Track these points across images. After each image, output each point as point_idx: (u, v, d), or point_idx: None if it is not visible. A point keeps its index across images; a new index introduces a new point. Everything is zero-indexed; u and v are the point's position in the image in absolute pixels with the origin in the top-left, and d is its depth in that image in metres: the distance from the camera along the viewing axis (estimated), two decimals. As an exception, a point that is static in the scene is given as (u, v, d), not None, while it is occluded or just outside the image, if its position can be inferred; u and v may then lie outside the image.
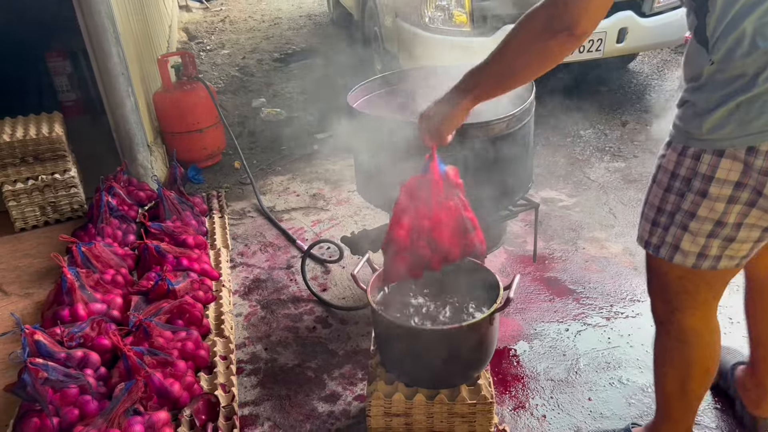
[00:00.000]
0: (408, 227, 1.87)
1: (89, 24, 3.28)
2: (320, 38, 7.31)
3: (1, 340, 2.55)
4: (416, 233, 1.87)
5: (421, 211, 1.86)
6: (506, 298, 1.84)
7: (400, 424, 1.95)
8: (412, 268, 1.91)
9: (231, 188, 3.92)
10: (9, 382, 2.04)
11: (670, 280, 1.60)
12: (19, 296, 2.89)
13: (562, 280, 2.81)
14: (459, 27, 4.11)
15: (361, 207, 3.54)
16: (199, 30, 8.01)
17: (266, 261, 3.12)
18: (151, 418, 1.91)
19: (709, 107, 1.35)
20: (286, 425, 2.15)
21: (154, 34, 5.08)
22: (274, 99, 5.38)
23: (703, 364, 1.68)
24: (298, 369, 2.41)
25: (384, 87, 2.69)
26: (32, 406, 1.95)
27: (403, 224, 1.87)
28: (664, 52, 5.62)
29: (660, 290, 1.66)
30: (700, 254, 1.47)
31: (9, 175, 3.34)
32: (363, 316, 2.67)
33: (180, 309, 2.42)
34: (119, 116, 3.51)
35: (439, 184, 1.85)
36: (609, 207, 3.39)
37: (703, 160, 1.39)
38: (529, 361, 2.37)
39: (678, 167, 1.46)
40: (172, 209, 3.15)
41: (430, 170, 1.85)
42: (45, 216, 3.46)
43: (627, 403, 2.15)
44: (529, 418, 2.12)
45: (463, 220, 1.90)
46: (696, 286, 1.57)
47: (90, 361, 2.13)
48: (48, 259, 3.09)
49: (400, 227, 1.87)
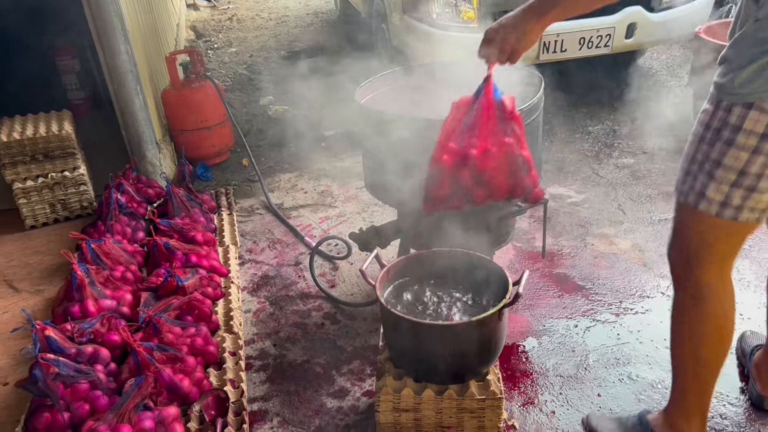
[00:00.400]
0: (452, 151, 1.73)
1: (98, 22, 3.30)
2: (327, 36, 7.31)
3: (12, 336, 2.57)
4: (461, 160, 1.73)
5: (469, 137, 1.73)
6: (515, 293, 1.83)
7: (409, 420, 1.95)
8: (451, 197, 1.78)
9: (239, 185, 3.93)
10: (20, 378, 2.06)
11: (691, 235, 1.66)
12: (30, 293, 2.91)
13: (570, 277, 2.80)
14: (466, 23, 4.09)
15: (369, 204, 3.54)
16: (207, 28, 8.02)
17: (274, 258, 3.13)
18: (161, 413, 1.92)
19: (742, 63, 1.44)
20: (295, 421, 2.16)
21: (162, 32, 5.10)
22: (282, 96, 5.38)
23: (716, 322, 1.70)
24: (307, 365, 2.41)
25: (392, 83, 2.68)
26: (43, 401, 1.96)
27: (446, 147, 1.73)
28: (674, 47, 5.58)
29: (680, 248, 1.71)
30: (723, 203, 1.54)
31: (19, 173, 3.36)
32: (371, 312, 2.67)
33: (189, 305, 2.43)
34: (128, 114, 3.53)
35: (491, 112, 1.71)
36: (618, 203, 3.38)
37: (733, 112, 1.47)
38: (538, 357, 2.36)
39: (712, 120, 1.54)
40: (181, 206, 3.16)
41: (484, 94, 1.71)
42: (55, 213, 3.49)
43: (636, 399, 2.14)
44: (538, 414, 2.12)
45: (515, 157, 1.74)
46: (715, 238, 1.62)
47: (100, 356, 2.14)
48: (58, 256, 3.11)
49: (443, 150, 1.74)
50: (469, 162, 1.77)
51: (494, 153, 1.77)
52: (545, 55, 4.05)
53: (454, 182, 1.79)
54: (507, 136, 1.76)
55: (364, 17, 6.04)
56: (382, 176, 2.40)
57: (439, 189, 1.82)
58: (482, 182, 1.79)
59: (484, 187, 1.80)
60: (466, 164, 1.78)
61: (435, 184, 1.82)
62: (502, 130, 1.75)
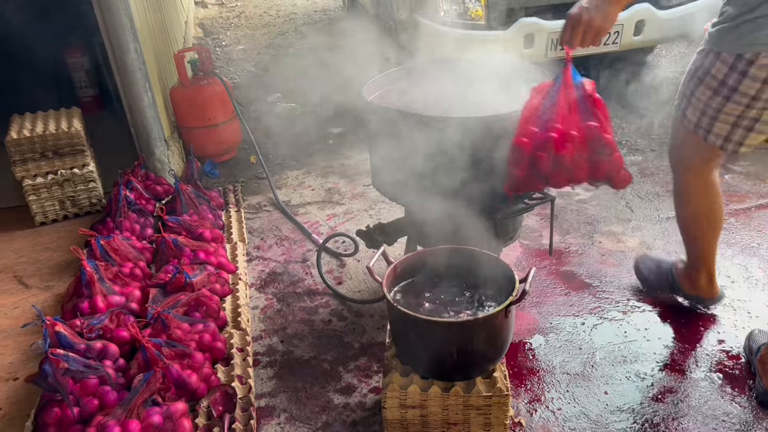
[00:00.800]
0: (531, 135, 1.79)
1: (107, 20, 3.31)
2: (335, 33, 7.30)
3: (22, 332, 2.59)
4: (540, 143, 1.78)
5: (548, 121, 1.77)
6: (522, 290, 1.83)
7: (416, 416, 1.96)
8: (530, 179, 1.84)
9: (247, 182, 3.94)
10: (30, 373, 2.08)
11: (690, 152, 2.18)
12: (40, 289, 2.93)
13: (578, 274, 2.80)
14: (474, 20, 4.09)
15: (376, 201, 3.54)
16: (215, 26, 8.04)
17: (282, 254, 3.14)
18: (169, 408, 1.94)
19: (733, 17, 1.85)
20: (302, 417, 2.17)
21: (170, 30, 5.11)
22: (290, 94, 5.39)
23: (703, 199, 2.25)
24: (314, 361, 2.42)
25: (399, 80, 2.68)
26: (53, 396, 1.98)
27: (525, 130, 1.79)
28: (682, 44, 5.54)
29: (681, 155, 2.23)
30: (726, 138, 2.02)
31: (29, 170, 3.38)
32: (378, 309, 2.68)
33: (197, 301, 2.44)
34: (136, 111, 3.55)
35: (571, 96, 1.78)
36: (626, 201, 3.37)
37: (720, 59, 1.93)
38: (545, 355, 2.36)
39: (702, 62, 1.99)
40: (189, 203, 3.18)
41: (563, 78, 1.77)
42: (64, 210, 3.51)
43: (644, 397, 2.14)
44: (544, 411, 2.12)
45: (596, 140, 1.80)
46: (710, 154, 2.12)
47: (109, 352, 2.16)
48: (67, 253, 3.13)
49: (522, 134, 1.80)
50: (548, 145, 1.83)
51: (574, 136, 1.82)
52: (553, 52, 4.03)
53: (533, 165, 1.86)
54: (589, 119, 1.81)
55: (372, 14, 6.04)
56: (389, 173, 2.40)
57: (518, 171, 1.89)
58: (561, 165, 1.85)
59: (564, 169, 1.86)
60: (544, 147, 1.84)
61: (515, 166, 1.90)
62: (583, 113, 1.81)
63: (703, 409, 2.07)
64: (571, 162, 1.85)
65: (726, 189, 3.32)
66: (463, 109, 2.22)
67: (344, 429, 2.11)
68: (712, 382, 2.18)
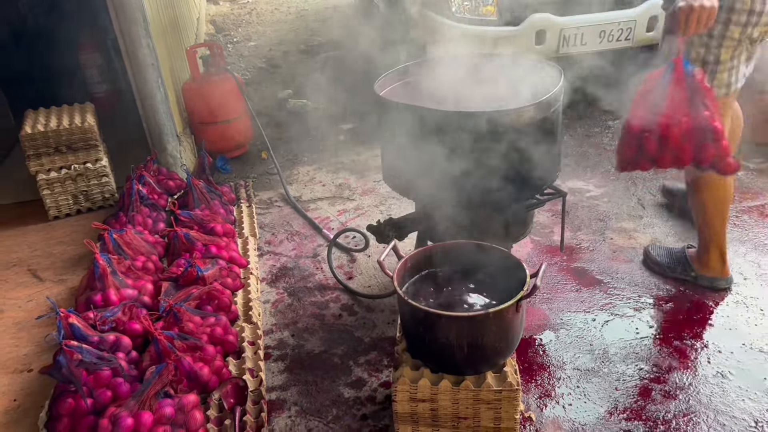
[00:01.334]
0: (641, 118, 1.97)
1: (120, 16, 3.34)
2: (346, 29, 7.31)
3: (36, 324, 2.62)
4: (648, 126, 1.96)
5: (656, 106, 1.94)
6: (533, 285, 1.83)
7: (426, 410, 1.96)
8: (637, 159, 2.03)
9: (258, 178, 3.96)
10: (45, 365, 2.10)
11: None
12: (54, 282, 2.96)
13: (589, 270, 2.79)
14: (486, 16, 4.07)
15: (386, 197, 3.55)
16: (227, 22, 8.07)
17: (293, 249, 3.15)
18: (181, 400, 1.95)
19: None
20: (312, 410, 2.18)
21: (182, 26, 5.13)
22: (301, 90, 5.40)
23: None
24: (325, 355, 2.43)
25: (410, 76, 2.68)
26: (67, 387, 2.00)
27: (636, 114, 1.99)
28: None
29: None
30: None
31: (43, 165, 3.42)
32: (388, 304, 2.68)
33: (209, 295, 2.46)
34: (149, 107, 3.57)
35: (681, 83, 1.91)
36: (637, 197, 3.35)
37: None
38: (555, 351, 2.36)
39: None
40: (201, 198, 3.19)
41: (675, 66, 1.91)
42: (77, 204, 3.54)
43: (655, 393, 2.13)
44: (554, 407, 2.12)
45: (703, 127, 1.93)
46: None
47: (122, 344, 2.18)
48: (81, 246, 3.16)
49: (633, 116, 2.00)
50: (655, 128, 1.99)
51: (680, 121, 1.96)
52: (565, 48, 4.01)
53: (640, 146, 2.04)
54: (698, 107, 1.94)
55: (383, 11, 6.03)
56: (400, 169, 2.41)
57: (627, 150, 2.08)
58: (667, 147, 2.00)
59: (670, 152, 2.01)
60: (651, 130, 2.00)
61: (624, 146, 2.09)
62: (692, 101, 1.94)
63: (714, 406, 2.07)
64: (677, 146, 1.99)
65: (739, 186, 3.29)
66: (474, 104, 2.22)
67: (354, 422, 2.12)
68: (724, 378, 2.17)
